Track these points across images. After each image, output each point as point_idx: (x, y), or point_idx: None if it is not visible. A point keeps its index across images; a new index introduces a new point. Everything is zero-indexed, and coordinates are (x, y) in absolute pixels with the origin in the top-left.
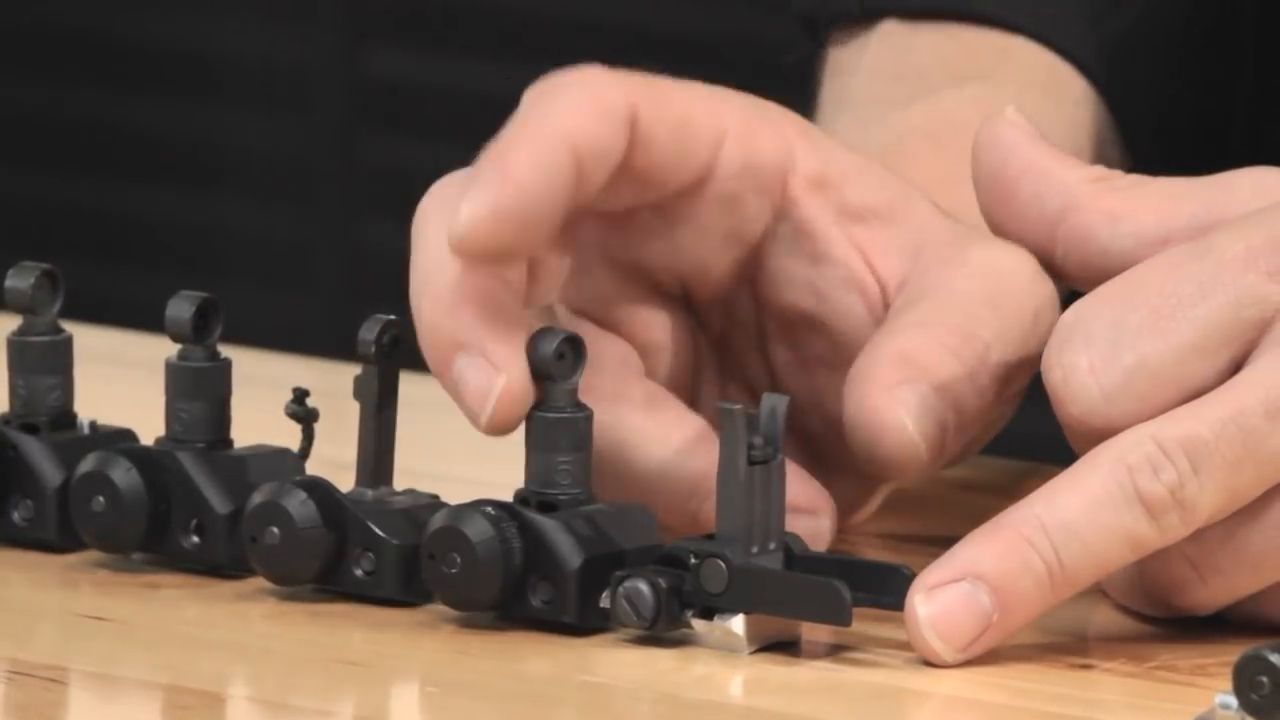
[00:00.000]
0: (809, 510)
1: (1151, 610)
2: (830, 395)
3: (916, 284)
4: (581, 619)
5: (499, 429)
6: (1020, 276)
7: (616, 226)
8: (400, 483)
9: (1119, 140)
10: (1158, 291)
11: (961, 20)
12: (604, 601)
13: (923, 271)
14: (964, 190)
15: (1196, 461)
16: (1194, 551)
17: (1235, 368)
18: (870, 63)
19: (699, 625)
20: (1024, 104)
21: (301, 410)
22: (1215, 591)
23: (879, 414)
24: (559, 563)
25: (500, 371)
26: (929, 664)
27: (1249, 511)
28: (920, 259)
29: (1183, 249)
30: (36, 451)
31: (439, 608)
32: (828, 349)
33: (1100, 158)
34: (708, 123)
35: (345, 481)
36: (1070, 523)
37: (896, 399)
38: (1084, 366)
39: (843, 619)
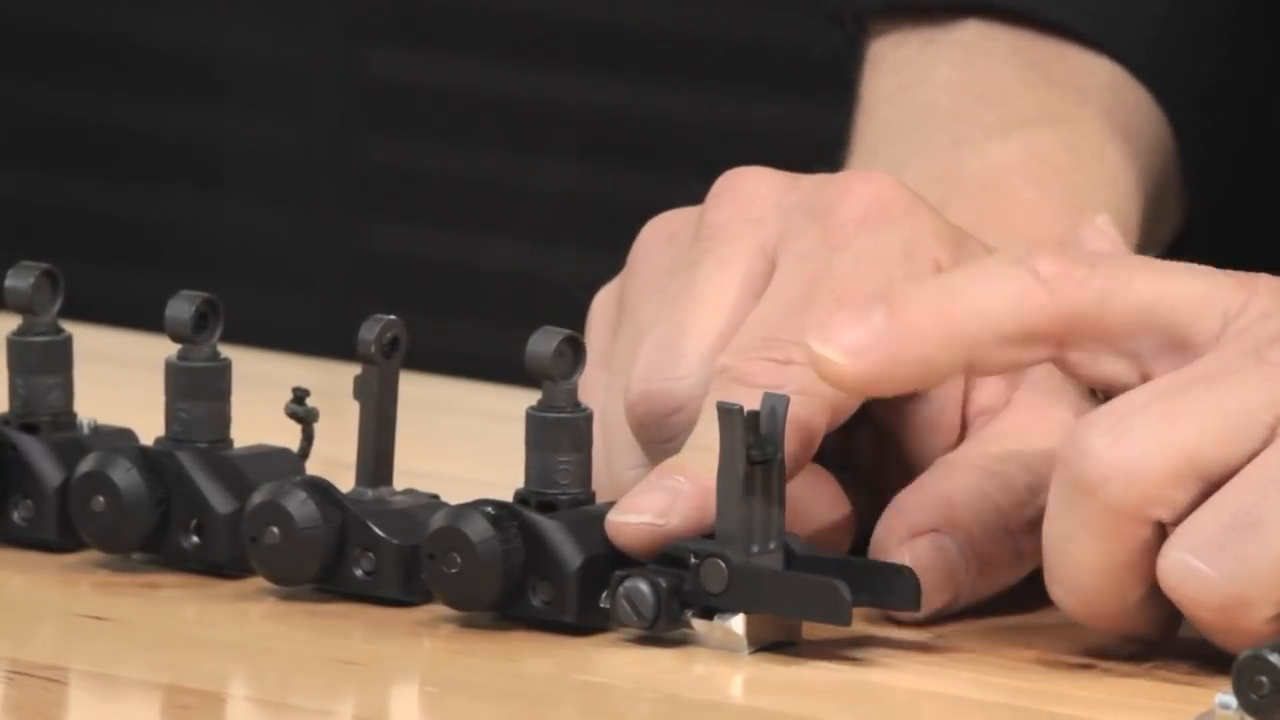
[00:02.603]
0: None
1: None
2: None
3: (998, 422)
4: (581, 619)
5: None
6: None
7: None
8: (400, 483)
9: (1179, 163)
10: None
11: (1018, 22)
12: (604, 601)
13: (1010, 412)
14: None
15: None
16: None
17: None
18: (946, 75)
19: (699, 625)
20: (1105, 154)
21: (301, 410)
22: None
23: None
24: (559, 563)
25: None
26: (929, 664)
27: None
28: (1012, 400)
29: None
30: (36, 451)
31: (439, 608)
32: (898, 456)
33: (1162, 197)
34: None
35: (345, 481)
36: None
37: (913, 550)
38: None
39: (842, 619)
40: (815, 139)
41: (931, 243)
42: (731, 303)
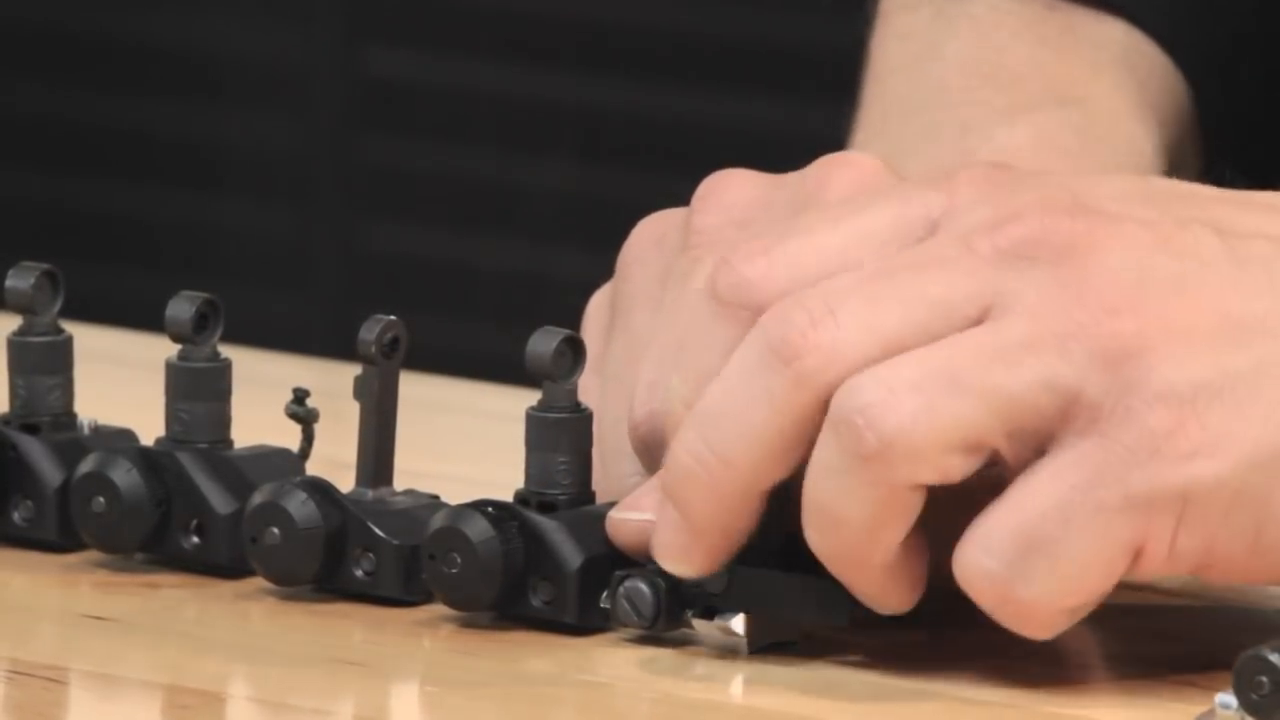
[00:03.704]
0: None
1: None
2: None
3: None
4: (582, 619)
5: None
6: None
7: None
8: (400, 483)
9: (1197, 121)
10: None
11: None
12: (604, 601)
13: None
14: None
15: (831, 301)
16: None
17: None
18: (956, 51)
19: (699, 625)
20: (1118, 130)
21: (302, 410)
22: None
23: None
24: (559, 563)
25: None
26: (930, 664)
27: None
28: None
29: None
30: (37, 452)
31: (439, 608)
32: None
33: (1182, 164)
34: None
35: (345, 482)
36: (711, 405)
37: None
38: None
39: (843, 618)
40: (815, 139)
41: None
42: None
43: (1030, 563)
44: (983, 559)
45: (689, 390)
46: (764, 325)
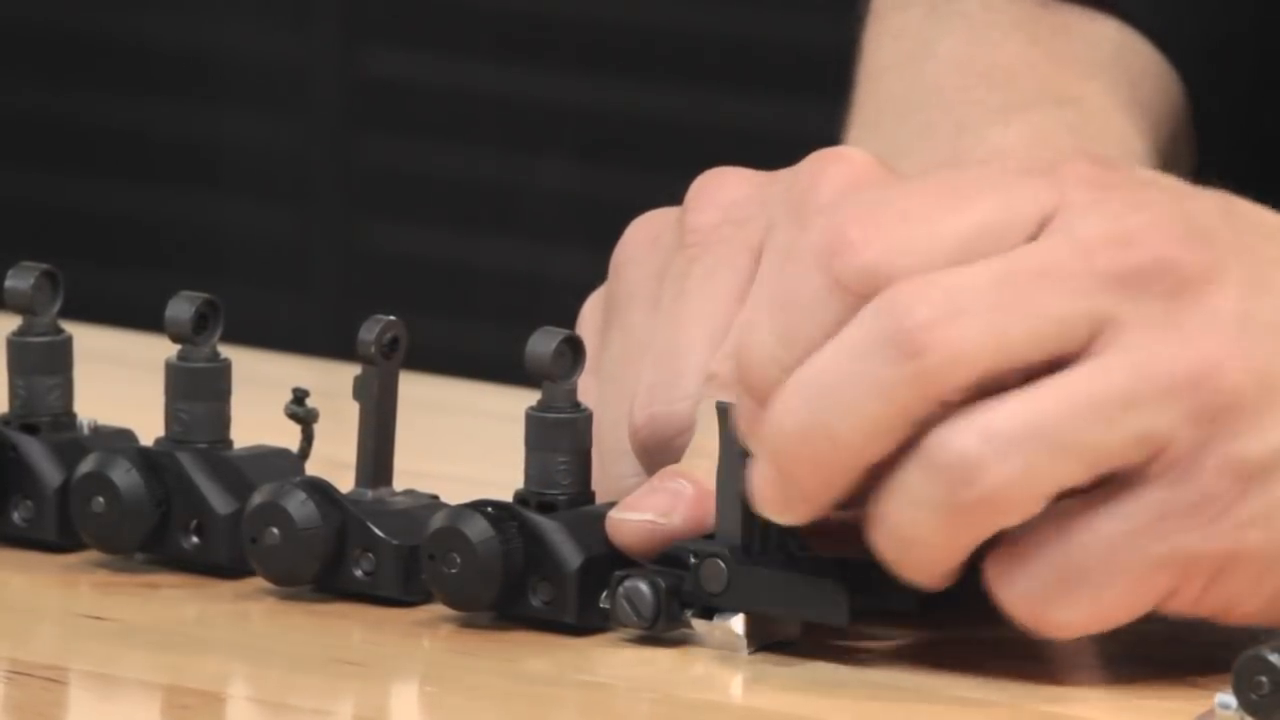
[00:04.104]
0: None
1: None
2: None
3: None
4: (581, 619)
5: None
6: None
7: None
8: (400, 483)
9: (1191, 118)
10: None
11: None
12: (604, 601)
13: None
14: None
15: (958, 299)
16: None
17: None
18: (950, 50)
19: (699, 625)
20: (1110, 129)
21: (301, 410)
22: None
23: None
24: (559, 563)
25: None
26: (930, 664)
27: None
28: None
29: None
30: (36, 452)
31: (438, 608)
32: None
33: (1176, 161)
34: None
35: (345, 482)
36: (819, 378)
37: None
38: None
39: (842, 618)
40: (814, 139)
41: None
42: (724, 312)
43: (1069, 592)
44: (1023, 579)
45: (787, 356)
46: (883, 311)
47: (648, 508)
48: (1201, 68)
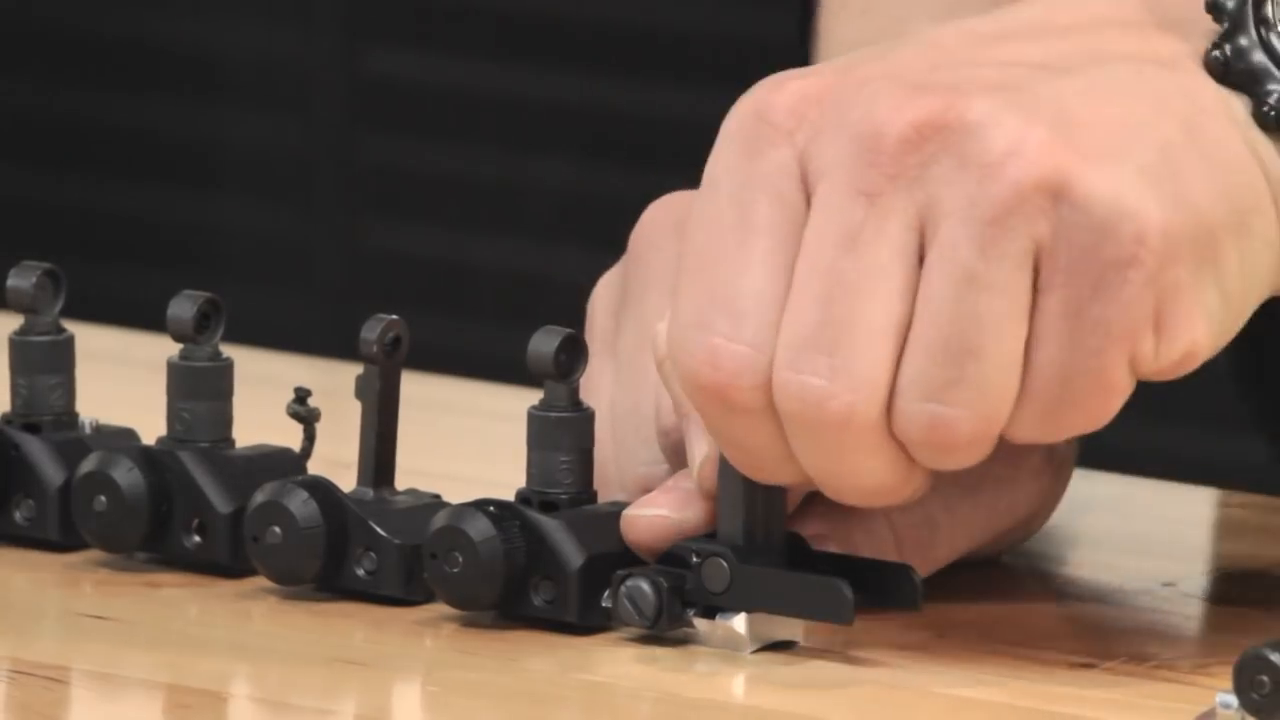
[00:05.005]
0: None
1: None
2: None
3: None
4: (583, 618)
5: None
6: (1028, 469)
7: None
8: (402, 482)
9: None
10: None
11: None
12: (606, 601)
13: None
14: None
15: (830, 350)
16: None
17: None
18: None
19: (701, 624)
20: None
21: (303, 410)
22: (969, 408)
23: None
24: (561, 562)
25: None
26: (930, 664)
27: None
28: None
29: None
30: (38, 451)
31: (440, 607)
32: None
33: None
34: None
35: (347, 481)
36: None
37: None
38: None
39: (845, 618)
40: None
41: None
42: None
43: (1063, 420)
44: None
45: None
46: (786, 404)
47: (662, 505)
48: None
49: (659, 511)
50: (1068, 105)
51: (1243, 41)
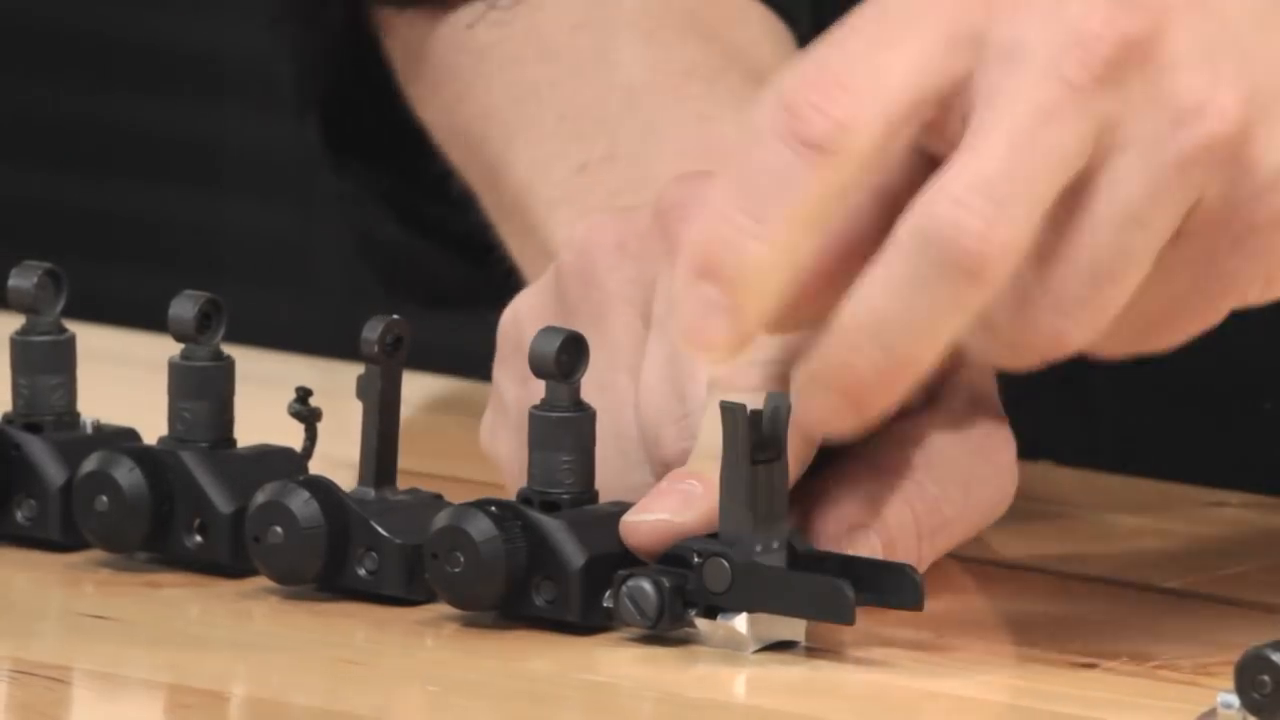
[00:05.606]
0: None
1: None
2: None
3: (917, 425)
4: (585, 618)
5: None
6: (1001, 467)
7: None
8: (403, 482)
9: None
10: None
11: None
12: (607, 601)
13: (930, 415)
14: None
15: (993, 195)
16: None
17: None
18: (633, 56)
19: (702, 624)
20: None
21: (304, 410)
22: (1086, 326)
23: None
24: (562, 562)
25: None
26: (931, 664)
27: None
28: (935, 404)
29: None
30: (40, 451)
31: (442, 607)
32: None
33: None
34: None
35: (348, 481)
36: (883, 309)
37: (851, 541)
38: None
39: (846, 618)
40: None
41: None
42: None
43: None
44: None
45: (758, 227)
46: (930, 232)
47: (661, 509)
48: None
49: (660, 516)
50: (1255, 56)
51: None
